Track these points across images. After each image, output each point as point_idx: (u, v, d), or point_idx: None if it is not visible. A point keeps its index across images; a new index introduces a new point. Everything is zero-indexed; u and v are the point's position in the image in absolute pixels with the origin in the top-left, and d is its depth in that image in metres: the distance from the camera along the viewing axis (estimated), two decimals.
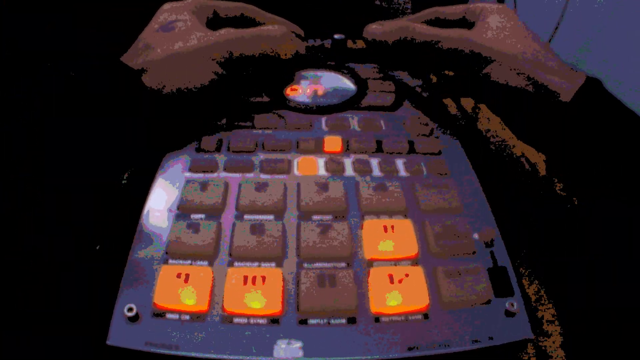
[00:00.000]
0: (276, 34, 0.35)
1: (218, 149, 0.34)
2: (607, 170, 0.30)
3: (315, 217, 0.30)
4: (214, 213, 0.29)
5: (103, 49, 0.33)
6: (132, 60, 0.31)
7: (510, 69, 0.33)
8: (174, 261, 0.27)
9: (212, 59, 0.32)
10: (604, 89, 0.32)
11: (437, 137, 0.36)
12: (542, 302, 0.32)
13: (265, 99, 0.38)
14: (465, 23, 0.38)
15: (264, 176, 0.32)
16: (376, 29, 0.39)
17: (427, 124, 0.37)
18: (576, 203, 0.38)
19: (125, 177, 0.33)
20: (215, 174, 0.32)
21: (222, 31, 0.33)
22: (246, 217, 0.29)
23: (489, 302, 0.26)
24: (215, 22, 0.37)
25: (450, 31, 0.35)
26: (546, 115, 0.33)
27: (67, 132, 0.28)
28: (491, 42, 0.34)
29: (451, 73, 0.42)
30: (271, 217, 0.30)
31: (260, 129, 0.35)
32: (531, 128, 0.35)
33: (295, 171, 0.32)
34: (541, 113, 0.33)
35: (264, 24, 0.38)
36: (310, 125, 0.36)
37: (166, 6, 0.35)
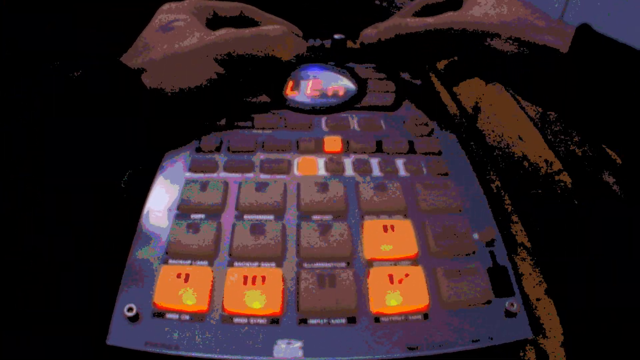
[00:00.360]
0: (276, 34, 0.35)
1: (218, 149, 0.34)
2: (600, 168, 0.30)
3: (315, 217, 0.30)
4: (214, 213, 0.29)
5: (103, 49, 0.33)
6: (132, 60, 0.31)
7: (505, 39, 0.34)
8: (174, 261, 0.27)
9: (213, 59, 0.32)
10: (594, 31, 0.32)
11: (437, 137, 0.36)
12: (542, 302, 0.32)
13: (265, 99, 0.38)
14: (455, 4, 0.38)
15: (264, 176, 0.32)
16: (371, 33, 0.39)
17: (427, 124, 0.37)
18: (576, 203, 0.38)
19: (125, 177, 0.33)
20: (215, 174, 0.32)
21: (222, 31, 0.33)
22: (246, 217, 0.29)
23: (489, 302, 0.26)
24: (214, 22, 0.37)
25: (439, 17, 0.36)
26: (550, 72, 0.33)
27: (67, 132, 0.28)
28: (480, 18, 0.34)
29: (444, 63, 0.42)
30: (271, 217, 0.30)
31: (260, 129, 0.35)
32: (539, 89, 0.35)
33: (295, 171, 0.32)
34: (544, 71, 0.33)
35: (262, 24, 0.38)
36: (310, 125, 0.36)
37: (165, 6, 0.35)
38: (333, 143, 0.35)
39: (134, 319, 0.25)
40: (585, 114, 0.32)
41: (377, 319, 0.25)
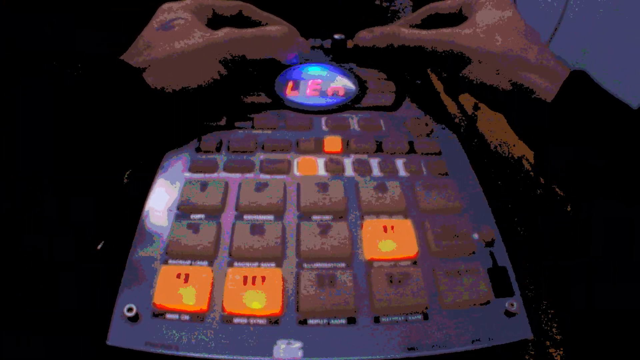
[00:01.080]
0: (278, 34, 0.35)
1: (218, 149, 0.34)
2: (598, 170, 0.29)
3: (315, 217, 0.30)
4: (214, 213, 0.29)
5: (103, 49, 0.33)
6: (133, 59, 0.31)
7: (489, 69, 0.33)
8: (173, 261, 0.27)
9: (215, 58, 0.32)
10: (591, 80, 0.31)
11: (437, 137, 0.36)
12: (542, 302, 0.32)
13: (265, 99, 0.38)
14: (461, 17, 0.37)
15: (264, 176, 0.32)
16: (365, 36, 0.39)
17: (427, 124, 0.37)
18: (576, 204, 0.38)
19: (125, 177, 0.33)
20: (215, 174, 0.32)
21: (223, 31, 0.33)
22: (246, 217, 0.29)
23: (488, 302, 0.26)
24: (214, 21, 0.37)
25: (432, 33, 0.35)
26: (534, 113, 0.32)
27: (67, 131, 0.28)
28: (471, 41, 0.34)
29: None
30: (271, 217, 0.30)
31: (260, 129, 0.35)
32: (522, 125, 0.35)
33: (295, 171, 0.32)
34: (529, 110, 0.32)
35: (261, 23, 0.38)
36: (310, 125, 0.36)
37: (165, 6, 0.35)
38: (333, 143, 0.35)
39: (134, 319, 0.25)
40: (559, 161, 0.31)
41: (376, 319, 0.25)
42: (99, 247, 0.30)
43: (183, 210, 0.30)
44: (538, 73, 0.32)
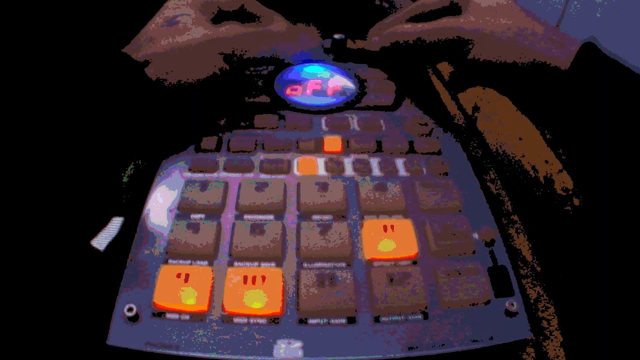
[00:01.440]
0: (280, 30, 0.35)
1: (218, 149, 0.34)
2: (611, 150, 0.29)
3: (315, 217, 0.30)
4: (214, 213, 0.30)
5: (103, 47, 0.33)
6: (135, 53, 0.31)
7: (498, 47, 0.33)
8: (174, 261, 0.27)
9: (217, 54, 0.33)
10: (600, 51, 0.31)
11: (437, 137, 0.36)
12: (542, 302, 0.32)
13: (265, 99, 0.38)
14: (453, 10, 0.37)
15: (264, 176, 0.32)
16: (376, 41, 0.39)
17: (427, 124, 0.37)
18: (577, 204, 0.38)
19: (125, 177, 0.33)
20: (215, 174, 0.32)
21: (226, 26, 0.33)
22: (246, 217, 0.29)
23: (488, 302, 0.26)
24: (217, 16, 0.37)
25: (433, 23, 0.35)
26: (547, 87, 0.32)
27: (67, 131, 0.28)
28: (473, 24, 0.34)
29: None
30: (271, 217, 0.30)
31: (260, 129, 0.35)
32: (535, 103, 0.34)
33: (295, 171, 0.32)
34: (541, 86, 0.32)
35: (263, 18, 0.38)
36: (310, 125, 0.36)
37: (171, 3, 0.35)
38: (333, 143, 0.35)
39: (134, 319, 0.25)
40: (575, 133, 0.31)
41: (377, 319, 0.25)
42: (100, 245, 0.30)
43: (183, 210, 0.30)
44: (547, 42, 0.32)
